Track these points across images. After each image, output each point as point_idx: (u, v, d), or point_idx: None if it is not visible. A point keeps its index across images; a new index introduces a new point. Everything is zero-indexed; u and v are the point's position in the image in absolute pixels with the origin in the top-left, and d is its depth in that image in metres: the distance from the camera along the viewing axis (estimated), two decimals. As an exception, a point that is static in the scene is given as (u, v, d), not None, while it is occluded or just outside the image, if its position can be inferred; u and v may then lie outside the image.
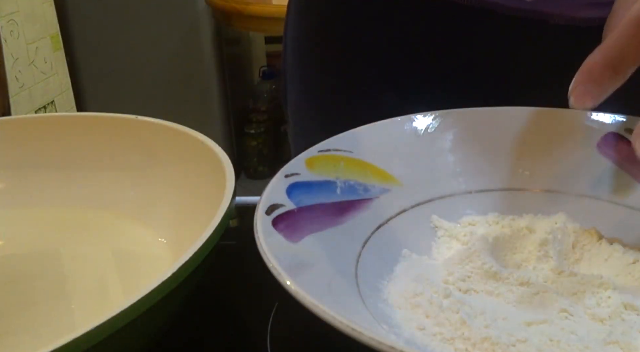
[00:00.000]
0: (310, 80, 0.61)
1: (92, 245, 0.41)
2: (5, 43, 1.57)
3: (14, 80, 1.61)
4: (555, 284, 0.33)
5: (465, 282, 0.33)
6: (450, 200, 0.39)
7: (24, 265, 0.40)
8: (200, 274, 0.31)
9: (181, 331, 0.35)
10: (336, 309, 0.25)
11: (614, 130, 0.40)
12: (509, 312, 0.31)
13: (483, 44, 0.50)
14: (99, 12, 1.83)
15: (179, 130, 0.42)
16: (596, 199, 0.39)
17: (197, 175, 0.39)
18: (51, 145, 0.45)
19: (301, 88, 0.62)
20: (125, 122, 0.44)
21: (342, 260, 0.33)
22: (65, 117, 0.46)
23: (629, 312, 0.31)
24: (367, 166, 0.38)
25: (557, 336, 0.29)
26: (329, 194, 0.36)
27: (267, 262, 0.27)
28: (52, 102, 1.81)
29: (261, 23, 1.56)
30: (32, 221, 0.44)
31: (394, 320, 0.30)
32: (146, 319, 0.25)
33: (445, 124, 0.42)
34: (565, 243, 0.36)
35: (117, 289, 0.37)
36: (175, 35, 1.85)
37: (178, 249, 0.38)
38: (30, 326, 0.34)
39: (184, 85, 1.90)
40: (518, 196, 0.40)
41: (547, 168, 0.40)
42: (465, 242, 0.37)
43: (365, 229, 0.36)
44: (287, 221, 0.32)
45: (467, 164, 0.41)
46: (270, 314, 0.36)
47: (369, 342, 0.23)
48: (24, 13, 1.67)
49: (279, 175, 0.35)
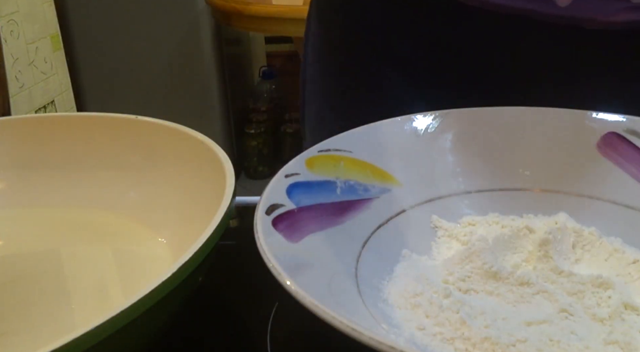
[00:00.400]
0: (332, 90, 0.60)
1: (92, 245, 0.41)
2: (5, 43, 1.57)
3: (14, 80, 1.61)
4: (555, 284, 0.33)
5: (465, 282, 0.33)
6: (450, 200, 0.39)
7: (24, 265, 0.40)
8: (200, 274, 0.31)
9: (181, 331, 0.35)
10: (336, 309, 0.25)
11: (614, 130, 0.40)
12: (509, 312, 0.31)
13: (512, 49, 0.50)
14: (99, 12, 1.83)
15: (179, 130, 0.42)
16: (596, 199, 0.39)
17: (197, 175, 0.39)
18: (51, 145, 0.45)
19: (323, 99, 0.61)
20: (125, 122, 0.44)
21: (342, 260, 0.33)
22: (65, 117, 0.46)
23: (629, 312, 0.31)
24: (367, 166, 0.38)
25: (557, 336, 0.29)
26: (329, 194, 0.36)
27: (267, 262, 0.27)
28: (52, 102, 1.81)
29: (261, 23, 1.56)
30: (32, 221, 0.44)
31: (394, 320, 0.30)
32: (146, 319, 0.25)
33: (445, 124, 0.42)
34: (565, 243, 0.36)
35: (117, 289, 0.37)
36: (175, 35, 1.85)
37: (178, 249, 0.38)
38: (30, 326, 0.34)
39: (184, 85, 1.90)
40: (518, 196, 0.40)
41: (547, 168, 0.40)
42: (465, 242, 0.37)
43: (365, 229, 0.36)
44: (287, 221, 0.32)
45: (467, 164, 0.41)
46: (270, 314, 0.36)
47: (369, 342, 0.23)
48: (24, 13, 1.67)
49: (279, 175, 0.35)
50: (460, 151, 0.41)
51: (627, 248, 0.35)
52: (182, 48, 1.87)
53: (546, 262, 0.34)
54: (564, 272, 0.33)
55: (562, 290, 0.32)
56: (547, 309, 0.31)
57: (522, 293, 0.32)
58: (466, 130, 0.41)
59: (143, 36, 1.85)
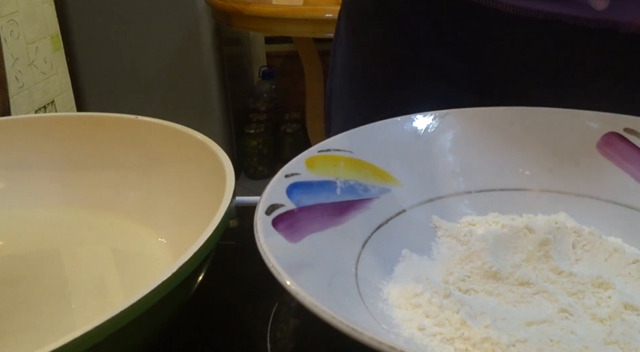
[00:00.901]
0: (361, 100, 0.60)
1: (92, 245, 0.41)
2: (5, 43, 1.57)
3: (14, 80, 1.61)
4: (555, 284, 0.33)
5: (465, 282, 0.33)
6: (450, 200, 0.39)
7: (24, 265, 0.40)
8: (200, 274, 0.31)
9: (181, 331, 0.35)
10: (336, 309, 0.25)
11: (614, 130, 0.40)
12: (509, 312, 0.31)
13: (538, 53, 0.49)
14: (99, 12, 1.83)
15: (179, 130, 0.42)
16: (596, 199, 0.39)
17: (197, 175, 0.39)
18: (51, 145, 0.45)
19: (350, 108, 0.61)
20: (125, 122, 0.44)
21: (342, 260, 0.33)
22: (65, 117, 0.46)
23: (629, 312, 0.31)
24: (367, 166, 0.38)
25: (557, 336, 0.29)
26: (329, 194, 0.36)
27: (267, 262, 0.27)
28: (52, 102, 1.81)
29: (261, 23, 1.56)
30: (32, 221, 0.44)
31: (394, 320, 0.30)
32: (146, 319, 0.25)
33: (445, 124, 0.42)
34: (565, 243, 0.36)
35: (117, 289, 0.37)
36: (175, 35, 1.85)
37: (178, 249, 0.38)
38: (30, 326, 0.34)
39: (184, 85, 1.90)
40: (518, 196, 0.40)
41: (547, 168, 0.40)
42: (465, 242, 0.37)
43: (365, 229, 0.36)
44: (287, 221, 0.32)
45: (467, 164, 0.41)
46: (270, 314, 0.36)
47: (369, 342, 0.23)
48: (24, 13, 1.67)
49: (279, 175, 0.35)
50: (460, 151, 0.41)
51: (627, 248, 0.35)
52: (182, 48, 1.87)
53: (546, 262, 0.34)
54: (564, 272, 0.33)
55: (562, 290, 0.32)
56: (547, 309, 0.31)
57: (522, 293, 0.32)
58: (466, 130, 0.41)
59: (143, 36, 1.85)
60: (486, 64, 0.51)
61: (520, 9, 0.47)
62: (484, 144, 0.41)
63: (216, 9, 1.67)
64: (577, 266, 0.35)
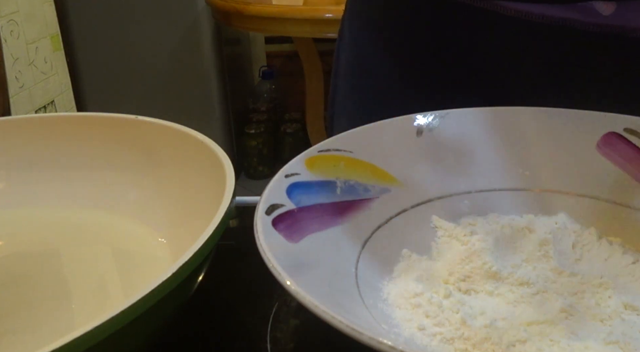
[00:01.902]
0: (366, 102, 0.60)
1: (92, 245, 0.41)
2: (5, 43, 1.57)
3: (14, 80, 1.61)
4: (555, 284, 0.33)
5: (466, 282, 0.33)
6: (450, 200, 0.39)
7: (24, 265, 0.40)
8: (200, 274, 0.31)
9: (181, 331, 0.35)
10: (336, 309, 0.25)
11: (614, 130, 0.40)
12: (509, 312, 0.31)
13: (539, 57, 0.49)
14: (99, 12, 1.83)
15: (179, 130, 0.42)
16: (596, 199, 0.39)
17: (197, 175, 0.39)
18: (51, 145, 0.45)
19: (354, 111, 0.61)
20: (125, 122, 0.44)
21: (342, 260, 0.33)
22: (65, 117, 0.46)
23: (629, 312, 0.31)
24: (367, 166, 0.38)
25: (557, 336, 0.29)
26: (329, 194, 0.36)
27: (267, 262, 0.27)
28: (52, 102, 1.81)
29: (261, 23, 1.56)
30: (32, 220, 0.44)
31: (394, 320, 0.30)
32: (146, 319, 0.25)
33: (445, 124, 0.42)
34: (565, 243, 0.36)
35: (117, 289, 0.37)
36: (175, 35, 1.85)
37: (178, 249, 0.38)
38: (30, 326, 0.34)
39: (184, 85, 1.90)
40: (518, 196, 0.40)
41: (547, 168, 0.40)
42: (465, 242, 0.37)
43: (365, 229, 0.36)
44: (287, 221, 0.32)
45: (467, 164, 0.41)
46: (270, 314, 0.36)
47: (369, 342, 0.23)
48: (24, 13, 1.67)
49: (279, 175, 0.35)
50: (460, 151, 0.41)
51: (627, 248, 0.35)
52: (182, 48, 1.87)
53: (546, 262, 0.34)
54: (564, 272, 0.33)
55: (562, 290, 0.32)
56: (547, 309, 0.31)
57: (522, 293, 0.32)
58: (466, 130, 0.41)
59: (143, 36, 1.85)
60: (489, 66, 0.51)
61: (525, 13, 0.47)
62: (484, 144, 0.41)
63: (216, 9, 1.67)
64: (577, 266, 0.35)
